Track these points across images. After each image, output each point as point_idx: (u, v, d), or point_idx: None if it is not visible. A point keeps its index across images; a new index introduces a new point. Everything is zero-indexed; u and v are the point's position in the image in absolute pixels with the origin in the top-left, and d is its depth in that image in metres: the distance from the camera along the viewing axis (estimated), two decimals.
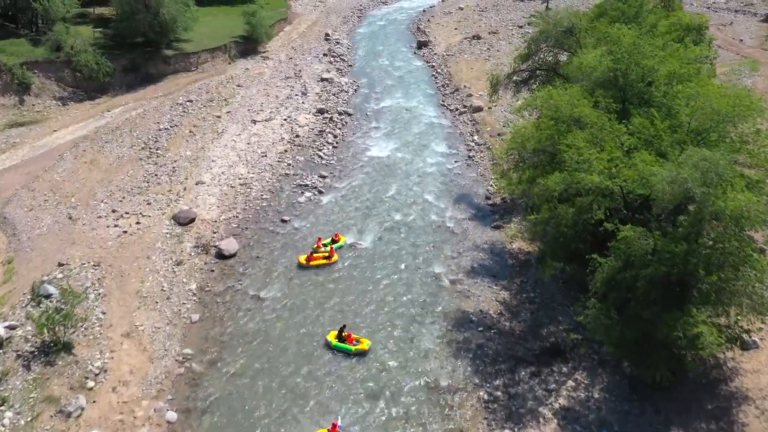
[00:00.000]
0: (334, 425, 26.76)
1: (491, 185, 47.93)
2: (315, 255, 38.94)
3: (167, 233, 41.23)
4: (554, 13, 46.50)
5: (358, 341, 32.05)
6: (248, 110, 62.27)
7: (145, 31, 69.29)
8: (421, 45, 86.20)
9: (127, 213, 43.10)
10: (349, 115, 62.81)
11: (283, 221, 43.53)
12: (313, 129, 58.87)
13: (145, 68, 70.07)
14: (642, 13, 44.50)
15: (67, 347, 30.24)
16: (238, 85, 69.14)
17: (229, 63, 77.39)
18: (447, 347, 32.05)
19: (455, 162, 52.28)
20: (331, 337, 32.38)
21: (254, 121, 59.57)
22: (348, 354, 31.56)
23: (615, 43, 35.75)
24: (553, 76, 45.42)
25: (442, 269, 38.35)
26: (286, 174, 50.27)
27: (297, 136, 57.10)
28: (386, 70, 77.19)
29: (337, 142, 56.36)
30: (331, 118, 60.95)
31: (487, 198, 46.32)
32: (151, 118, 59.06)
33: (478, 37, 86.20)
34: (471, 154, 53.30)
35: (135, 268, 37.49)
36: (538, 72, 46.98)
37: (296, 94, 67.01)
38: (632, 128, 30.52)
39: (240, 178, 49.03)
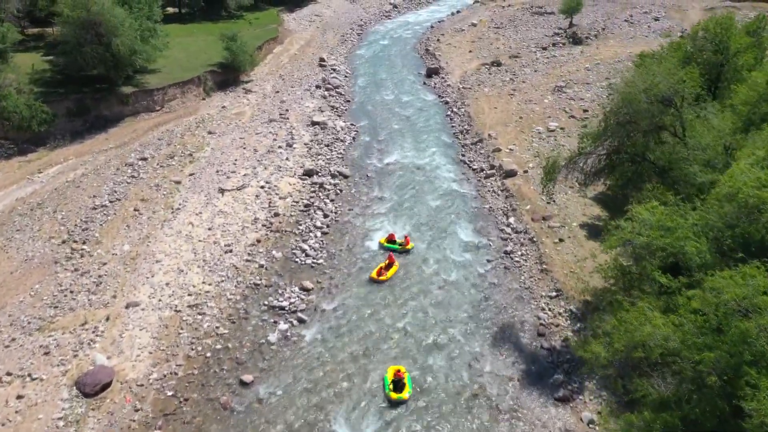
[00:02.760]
0: None
1: (543, 308, 32.19)
2: (381, 269, 35.06)
3: (60, 417, 25.64)
4: (645, 72, 30.33)
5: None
6: (217, 171, 46.49)
7: (95, 66, 53.37)
8: (432, 72, 70.17)
9: (8, 374, 27.54)
10: (345, 177, 47.02)
11: (243, 384, 27.84)
12: (297, 202, 43.09)
13: (96, 110, 54.26)
14: None
15: None
16: (210, 132, 53.34)
17: (203, 99, 61.54)
18: None
19: (488, 262, 36.50)
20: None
21: (222, 191, 43.79)
22: None
23: None
24: (640, 164, 29.57)
25: None
26: (256, 284, 34.57)
27: (276, 214, 41.34)
28: (391, 108, 61.24)
29: (328, 224, 40.60)
30: (321, 185, 45.13)
31: (540, 335, 30.57)
32: (89, 187, 43.31)
33: (498, 64, 70.11)
34: (508, 247, 37.48)
35: None
36: (616, 157, 30.97)
37: (280, 146, 51.18)
38: None
39: (191, 293, 33.38)
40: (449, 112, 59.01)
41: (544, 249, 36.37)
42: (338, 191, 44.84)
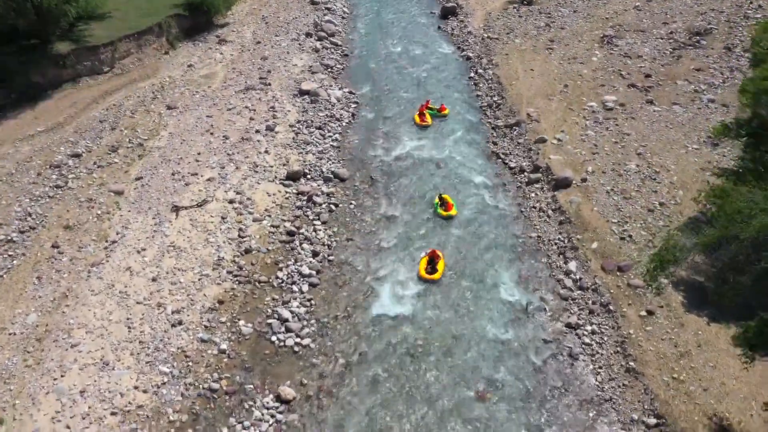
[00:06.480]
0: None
1: None
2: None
3: None
4: None
5: None
6: (173, 174, 33.46)
7: (14, 20, 38.80)
8: (447, 13, 54.92)
9: None
10: (342, 180, 34.10)
11: None
12: (277, 227, 30.44)
13: (23, 76, 40.06)
14: None
15: None
16: (169, 107, 39.69)
17: (166, 53, 47.08)
18: None
19: (544, 343, 24.35)
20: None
21: (177, 208, 30.96)
22: None
23: None
24: None
25: None
26: (212, 391, 22.64)
27: (247, 251, 28.81)
28: (399, 65, 46.89)
29: (318, 269, 28.16)
30: (310, 197, 32.25)
31: None
32: None
33: (529, 2, 54.63)
34: (571, 317, 25.23)
35: None
36: None
37: (258, 130, 37.73)
38: None
39: (115, 410, 21.56)
40: (473, 74, 44.77)
41: (627, 328, 24.09)
42: (332, 207, 32.01)
